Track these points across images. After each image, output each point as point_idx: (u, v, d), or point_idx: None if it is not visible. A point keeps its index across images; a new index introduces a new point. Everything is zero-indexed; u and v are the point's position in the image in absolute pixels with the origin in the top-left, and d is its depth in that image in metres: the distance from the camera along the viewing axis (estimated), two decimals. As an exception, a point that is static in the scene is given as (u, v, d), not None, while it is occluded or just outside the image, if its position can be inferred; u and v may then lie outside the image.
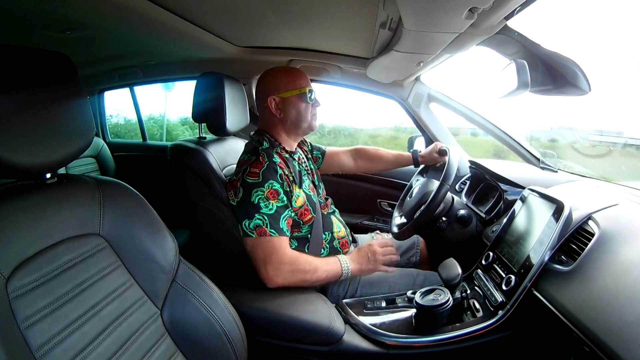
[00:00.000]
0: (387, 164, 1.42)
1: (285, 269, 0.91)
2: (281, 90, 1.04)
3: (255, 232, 0.92)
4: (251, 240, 0.93)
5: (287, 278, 0.92)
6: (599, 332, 0.57)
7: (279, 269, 0.91)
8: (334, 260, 0.98)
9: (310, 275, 0.93)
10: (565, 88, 0.87)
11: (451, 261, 0.92)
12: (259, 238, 0.92)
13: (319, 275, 0.94)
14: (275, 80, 1.05)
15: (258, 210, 0.92)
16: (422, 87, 1.65)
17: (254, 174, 0.94)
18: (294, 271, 0.92)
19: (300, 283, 0.94)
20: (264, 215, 0.92)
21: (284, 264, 0.91)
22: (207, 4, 1.03)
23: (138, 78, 2.10)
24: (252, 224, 0.92)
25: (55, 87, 0.58)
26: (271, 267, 0.91)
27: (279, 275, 0.91)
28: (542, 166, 1.34)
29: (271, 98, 1.04)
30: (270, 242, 0.92)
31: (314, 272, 0.94)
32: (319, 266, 0.95)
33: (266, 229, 0.91)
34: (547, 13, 0.92)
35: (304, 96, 1.05)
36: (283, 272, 0.91)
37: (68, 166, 1.92)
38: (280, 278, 0.91)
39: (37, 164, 0.55)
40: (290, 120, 1.06)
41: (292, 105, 1.04)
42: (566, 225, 0.79)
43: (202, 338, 0.70)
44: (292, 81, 1.05)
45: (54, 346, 0.51)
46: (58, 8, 1.01)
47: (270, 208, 0.92)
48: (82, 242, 0.60)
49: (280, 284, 0.92)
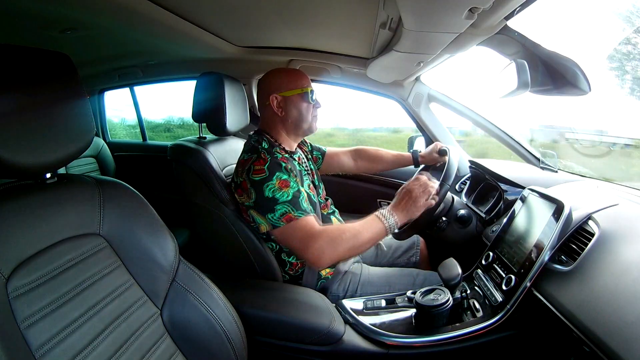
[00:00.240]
0: (387, 164, 1.42)
1: (325, 245, 0.88)
2: (283, 89, 1.04)
3: (282, 220, 0.90)
4: (281, 230, 0.91)
5: (331, 254, 0.88)
6: (599, 332, 0.57)
7: (320, 247, 0.88)
8: (372, 219, 0.93)
9: (354, 241, 0.89)
10: (565, 88, 0.87)
11: (451, 261, 0.92)
12: (288, 225, 0.90)
13: (362, 238, 0.90)
14: (278, 79, 1.06)
15: (277, 202, 0.91)
16: (422, 87, 1.65)
17: (259, 170, 0.93)
18: (334, 244, 0.88)
19: (348, 253, 0.90)
20: (285, 204, 0.91)
21: (322, 239, 0.88)
22: (207, 4, 1.03)
23: (138, 78, 2.10)
24: (277, 214, 0.91)
25: (55, 87, 0.58)
26: (312, 249, 0.88)
27: (323, 252, 0.88)
28: (542, 166, 1.34)
29: (273, 96, 1.04)
30: (300, 224, 0.90)
31: (356, 238, 0.89)
32: (359, 230, 0.90)
33: (292, 214, 0.90)
34: (547, 13, 0.92)
35: (306, 96, 1.05)
36: (324, 248, 0.88)
37: (68, 166, 1.92)
38: (325, 255, 0.88)
39: (37, 164, 0.55)
40: (291, 119, 1.06)
41: (294, 104, 1.05)
42: (566, 225, 0.79)
43: (202, 338, 0.70)
44: (295, 81, 1.05)
45: (54, 346, 0.51)
46: (58, 8, 1.01)
47: (287, 195, 0.92)
48: (82, 242, 0.60)
49: (328, 261, 0.89)
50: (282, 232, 0.92)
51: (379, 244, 1.30)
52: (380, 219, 0.92)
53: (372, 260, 1.26)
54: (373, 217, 0.93)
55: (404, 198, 0.96)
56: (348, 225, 0.92)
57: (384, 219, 0.92)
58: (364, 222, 0.92)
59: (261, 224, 0.94)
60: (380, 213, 0.94)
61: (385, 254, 1.29)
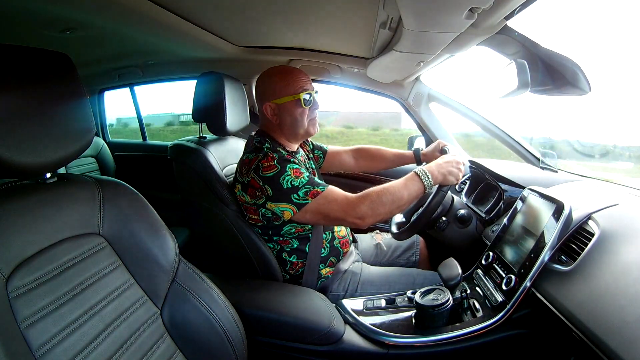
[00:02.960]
0: (388, 162, 1.42)
1: (367, 208, 0.89)
2: (276, 96, 1.02)
3: (308, 196, 0.91)
4: (310, 207, 0.92)
5: (374, 215, 0.89)
6: (599, 332, 0.57)
7: (362, 211, 0.89)
8: (411, 177, 0.94)
9: (395, 202, 0.90)
10: (565, 88, 0.87)
11: (451, 261, 0.92)
12: (316, 199, 0.91)
13: (402, 198, 0.91)
14: (270, 85, 1.03)
15: (297, 187, 0.91)
16: (422, 87, 1.65)
17: (270, 167, 0.93)
18: (376, 206, 0.89)
19: (389, 213, 0.91)
20: (305, 186, 0.92)
21: (364, 203, 0.89)
22: (207, 4, 1.03)
23: (138, 78, 2.11)
24: (301, 194, 0.91)
25: (55, 87, 0.58)
26: (354, 213, 0.89)
27: (366, 215, 0.89)
28: (542, 166, 1.34)
29: (267, 105, 1.03)
30: (327, 195, 0.91)
31: (396, 199, 0.90)
32: (399, 189, 0.92)
33: (316, 189, 0.91)
34: (547, 13, 0.92)
35: (299, 102, 1.02)
36: (366, 211, 0.89)
37: (68, 166, 1.93)
38: (368, 217, 0.89)
39: (37, 163, 0.55)
40: (286, 126, 1.05)
41: (287, 111, 1.03)
42: (566, 225, 0.79)
43: (202, 338, 0.70)
44: (287, 86, 1.01)
45: (54, 346, 0.51)
46: (58, 8, 1.01)
47: (303, 178, 0.93)
48: (82, 241, 0.60)
49: (371, 223, 0.90)
50: (311, 208, 0.92)
51: (379, 243, 1.30)
52: (420, 177, 0.93)
53: (372, 260, 1.26)
54: (412, 175, 0.94)
55: (442, 165, 0.97)
56: (387, 186, 0.93)
57: (424, 178, 0.93)
58: (404, 181, 0.94)
59: (285, 210, 0.93)
60: (420, 171, 0.94)
61: (385, 253, 1.29)
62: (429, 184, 0.93)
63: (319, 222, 0.98)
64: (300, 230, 1.02)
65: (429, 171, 0.94)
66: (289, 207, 0.92)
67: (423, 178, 0.93)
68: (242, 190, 0.98)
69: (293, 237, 1.03)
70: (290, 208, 0.92)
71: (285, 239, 1.03)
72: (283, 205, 0.92)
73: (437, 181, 0.95)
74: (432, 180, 0.94)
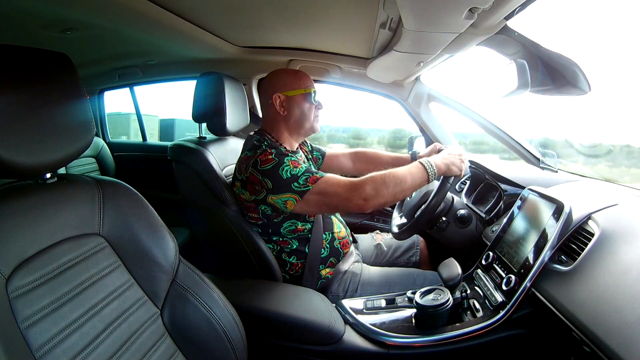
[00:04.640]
0: (385, 165, 1.41)
1: (370, 190, 0.89)
2: (287, 88, 1.05)
3: (309, 182, 0.91)
4: (311, 194, 0.91)
5: (377, 199, 0.89)
6: (599, 332, 0.57)
7: (365, 193, 0.88)
8: (416, 165, 0.95)
9: (398, 187, 0.90)
10: (565, 88, 0.87)
11: (451, 261, 0.92)
12: (317, 184, 0.91)
13: (406, 184, 0.91)
14: (282, 78, 1.06)
15: (297, 175, 0.91)
16: (422, 87, 1.65)
17: (267, 160, 0.93)
18: (379, 190, 0.89)
19: (392, 198, 0.91)
20: (304, 173, 0.92)
21: (367, 186, 0.89)
22: (207, 4, 1.03)
23: (138, 78, 2.11)
24: (301, 181, 0.91)
25: (55, 87, 0.57)
26: (355, 192, 0.89)
27: (369, 198, 0.88)
28: (542, 166, 1.34)
29: (276, 95, 1.04)
30: (328, 179, 0.92)
31: (399, 183, 0.90)
32: (404, 175, 0.92)
33: (315, 175, 0.92)
34: (547, 13, 0.92)
35: (309, 96, 1.06)
36: (369, 194, 0.88)
37: (68, 166, 1.92)
38: (371, 201, 0.89)
39: (37, 164, 0.55)
40: (293, 119, 1.06)
41: (297, 104, 1.05)
42: (566, 225, 0.79)
43: (202, 338, 0.70)
44: (298, 81, 1.06)
45: (54, 346, 0.51)
46: (58, 8, 1.01)
47: (302, 169, 0.93)
48: (82, 242, 0.60)
49: (373, 207, 0.90)
50: (313, 195, 0.91)
51: (379, 244, 1.30)
52: (424, 166, 0.94)
53: (372, 261, 1.26)
54: (417, 164, 0.95)
55: (445, 156, 0.98)
56: (392, 171, 0.93)
57: (428, 167, 0.94)
58: (408, 168, 0.94)
59: (288, 200, 0.93)
60: (425, 161, 0.95)
61: (385, 253, 1.29)
62: (433, 173, 0.94)
63: (322, 209, 0.96)
64: (300, 230, 1.02)
65: (433, 162, 0.95)
66: (291, 197, 0.92)
67: (427, 167, 0.94)
68: (242, 187, 0.99)
69: (293, 237, 1.03)
70: (293, 197, 0.92)
71: (285, 240, 1.03)
72: (285, 195, 0.92)
73: (441, 172, 0.96)
74: (436, 170, 0.94)
